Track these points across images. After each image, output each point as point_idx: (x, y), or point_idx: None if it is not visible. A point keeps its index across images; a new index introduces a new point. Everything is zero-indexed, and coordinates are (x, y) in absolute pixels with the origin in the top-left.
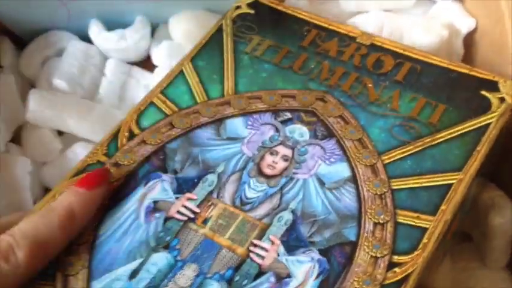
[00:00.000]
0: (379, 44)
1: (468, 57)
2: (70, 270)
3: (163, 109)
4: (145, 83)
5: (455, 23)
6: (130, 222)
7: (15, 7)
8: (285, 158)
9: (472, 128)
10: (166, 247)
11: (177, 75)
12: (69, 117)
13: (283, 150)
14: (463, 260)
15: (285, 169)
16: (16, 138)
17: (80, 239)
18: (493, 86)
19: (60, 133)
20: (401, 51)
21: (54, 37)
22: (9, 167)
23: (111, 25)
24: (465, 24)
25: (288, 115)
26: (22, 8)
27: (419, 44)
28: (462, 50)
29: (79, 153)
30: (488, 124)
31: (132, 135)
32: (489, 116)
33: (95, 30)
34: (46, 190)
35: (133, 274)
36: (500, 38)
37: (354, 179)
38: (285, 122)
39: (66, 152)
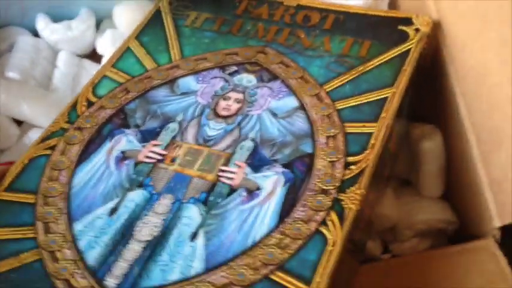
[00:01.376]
0: (304, 3)
1: None
2: (49, 218)
3: (117, 79)
4: None
5: None
6: (101, 172)
7: None
8: (237, 101)
9: (396, 54)
10: (140, 186)
11: (125, 51)
12: (23, 103)
13: (234, 95)
14: (405, 196)
15: (239, 109)
16: None
17: (54, 191)
18: (407, 21)
19: (16, 122)
20: (325, 7)
21: (5, 32)
22: None
23: (58, 20)
24: None
25: (234, 68)
26: None
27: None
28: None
29: (34, 139)
30: (409, 49)
31: (90, 104)
32: (409, 43)
33: (42, 23)
34: None
35: (113, 211)
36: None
37: (302, 107)
38: (232, 74)
39: (22, 138)
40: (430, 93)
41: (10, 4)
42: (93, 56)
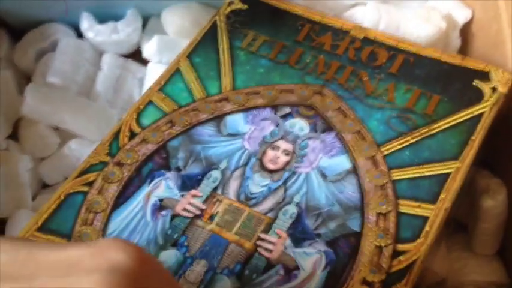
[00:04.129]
0: (372, 37)
1: (464, 49)
2: None
3: (163, 107)
4: (140, 77)
5: (452, 14)
6: (137, 221)
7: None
8: (286, 153)
9: (466, 117)
10: (175, 244)
11: (174, 72)
12: (65, 112)
13: (284, 145)
14: (458, 249)
15: (287, 163)
16: (13, 135)
17: (87, 238)
18: (485, 76)
19: (56, 130)
20: (394, 44)
21: (48, 30)
22: (9, 164)
23: (102, 19)
24: (462, 15)
25: (287, 110)
26: (19, 0)
27: (416, 35)
28: (459, 42)
29: (75, 149)
30: (482, 113)
31: (133, 135)
32: (482, 106)
33: (86, 23)
34: (44, 185)
35: None
36: (496, 34)
37: (354, 170)
38: (284, 117)
39: (62, 148)
40: (500, 144)
41: (55, 0)
42: (138, 54)
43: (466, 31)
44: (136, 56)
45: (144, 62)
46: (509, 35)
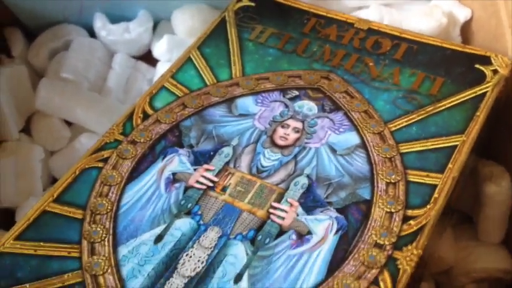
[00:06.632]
0: (376, 28)
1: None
2: (95, 237)
3: (175, 92)
4: (149, 78)
5: (453, 12)
6: (151, 192)
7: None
8: (296, 130)
9: (470, 96)
10: (188, 213)
11: (186, 61)
12: (77, 106)
13: (293, 123)
14: (464, 239)
15: (297, 140)
16: (26, 129)
17: (102, 209)
18: (485, 60)
19: (68, 125)
20: (397, 34)
21: (62, 30)
22: (21, 154)
23: (114, 21)
24: (462, 14)
25: (296, 92)
26: (34, 1)
27: (418, 29)
28: (460, 40)
29: (85, 143)
30: (485, 93)
31: (146, 116)
32: (485, 86)
33: (99, 22)
34: (53, 179)
35: (158, 238)
36: (496, 28)
37: (363, 145)
38: (293, 99)
39: (73, 142)
40: (503, 133)
41: (68, 1)
42: (148, 57)
43: (466, 30)
44: (146, 59)
45: (154, 64)
46: (508, 26)
